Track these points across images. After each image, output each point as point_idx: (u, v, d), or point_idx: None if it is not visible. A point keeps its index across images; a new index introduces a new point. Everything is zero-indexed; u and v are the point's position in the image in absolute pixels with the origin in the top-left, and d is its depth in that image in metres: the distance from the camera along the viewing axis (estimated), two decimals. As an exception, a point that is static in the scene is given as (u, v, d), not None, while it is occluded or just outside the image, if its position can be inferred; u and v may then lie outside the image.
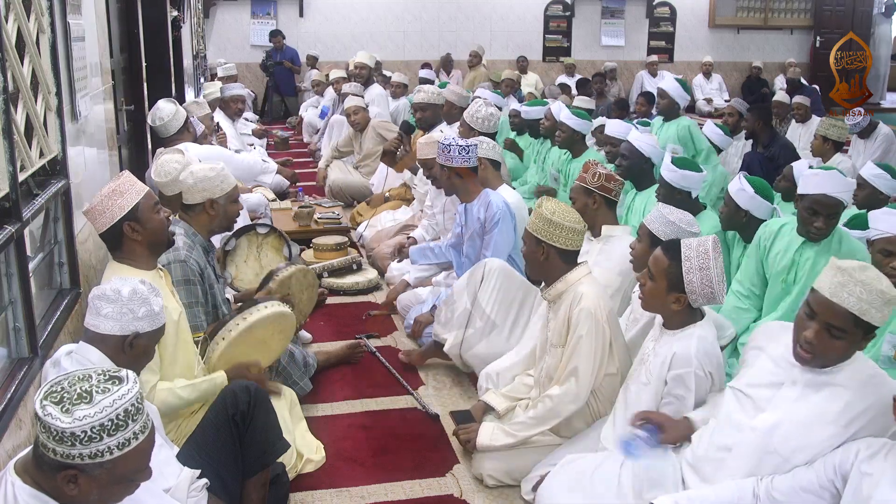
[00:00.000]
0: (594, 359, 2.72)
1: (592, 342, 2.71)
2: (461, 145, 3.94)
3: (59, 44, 2.75)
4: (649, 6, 13.89)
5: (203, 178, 3.01)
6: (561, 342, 2.81)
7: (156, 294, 2.15)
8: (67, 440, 1.51)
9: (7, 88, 2.16)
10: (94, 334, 2.09)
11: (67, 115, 2.88)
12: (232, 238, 3.77)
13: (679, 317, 2.52)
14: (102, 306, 2.08)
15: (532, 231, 2.84)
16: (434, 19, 13.19)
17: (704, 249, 2.44)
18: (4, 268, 2.25)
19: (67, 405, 1.51)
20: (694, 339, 2.48)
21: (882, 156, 7.00)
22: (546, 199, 2.88)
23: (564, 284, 2.82)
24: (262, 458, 2.43)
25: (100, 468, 1.54)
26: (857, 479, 1.94)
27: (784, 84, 11.77)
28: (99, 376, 1.57)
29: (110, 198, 2.47)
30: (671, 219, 2.94)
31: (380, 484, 2.91)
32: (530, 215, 2.93)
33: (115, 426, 1.53)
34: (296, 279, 3.32)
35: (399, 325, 4.37)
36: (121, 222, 2.48)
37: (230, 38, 12.72)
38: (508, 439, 2.83)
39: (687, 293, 2.45)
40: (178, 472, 2.12)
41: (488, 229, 3.89)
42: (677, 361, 2.48)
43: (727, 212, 3.60)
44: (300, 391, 3.33)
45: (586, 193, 3.52)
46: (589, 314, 2.69)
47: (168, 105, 4.70)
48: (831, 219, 3.10)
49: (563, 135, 5.42)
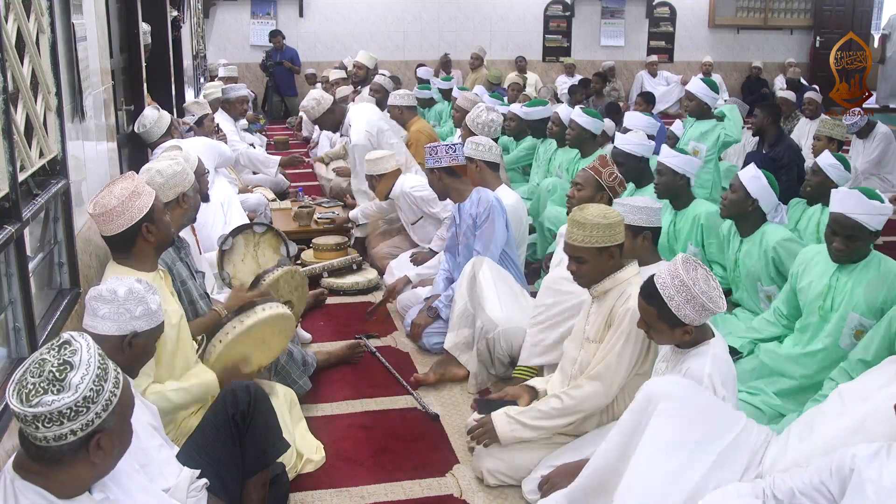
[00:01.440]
0: (629, 360, 2.71)
1: (631, 343, 2.70)
2: (446, 144, 4.03)
3: (59, 44, 2.75)
4: (649, 6, 13.88)
5: (173, 173, 2.98)
6: (598, 338, 2.79)
7: (153, 292, 2.15)
8: (73, 413, 1.54)
9: (7, 88, 2.16)
10: (92, 335, 2.08)
11: (68, 115, 2.88)
12: (229, 237, 3.78)
13: (691, 340, 2.50)
14: (99, 307, 2.08)
15: (593, 245, 2.72)
16: (434, 19, 13.19)
17: (678, 278, 2.39)
18: (4, 268, 2.25)
19: (52, 388, 1.54)
20: (709, 357, 2.45)
21: (881, 156, 7.02)
22: (578, 210, 2.79)
23: (612, 282, 2.79)
24: (261, 457, 2.43)
25: (113, 416, 1.61)
26: (860, 482, 1.93)
27: (784, 84, 11.78)
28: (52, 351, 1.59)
29: (130, 199, 2.46)
30: (639, 205, 3.05)
31: (380, 484, 2.91)
32: (574, 233, 2.77)
33: (104, 371, 1.60)
34: (284, 281, 3.31)
35: (399, 324, 4.37)
36: (139, 223, 2.47)
37: (230, 38, 12.72)
38: (529, 432, 2.79)
39: (688, 324, 2.43)
40: (177, 472, 2.12)
41: (479, 224, 3.91)
42: (689, 378, 2.43)
43: (734, 198, 3.58)
44: (299, 390, 3.33)
45: (598, 188, 3.56)
46: (634, 315, 2.67)
47: (151, 112, 4.76)
48: (851, 241, 2.96)
49: (573, 133, 5.43)
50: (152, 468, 2.02)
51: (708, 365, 2.42)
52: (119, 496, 1.76)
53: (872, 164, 7.02)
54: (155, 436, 2.11)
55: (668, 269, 2.44)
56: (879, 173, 7.12)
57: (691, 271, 2.40)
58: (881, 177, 7.13)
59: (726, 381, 2.46)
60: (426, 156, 4.14)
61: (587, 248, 2.73)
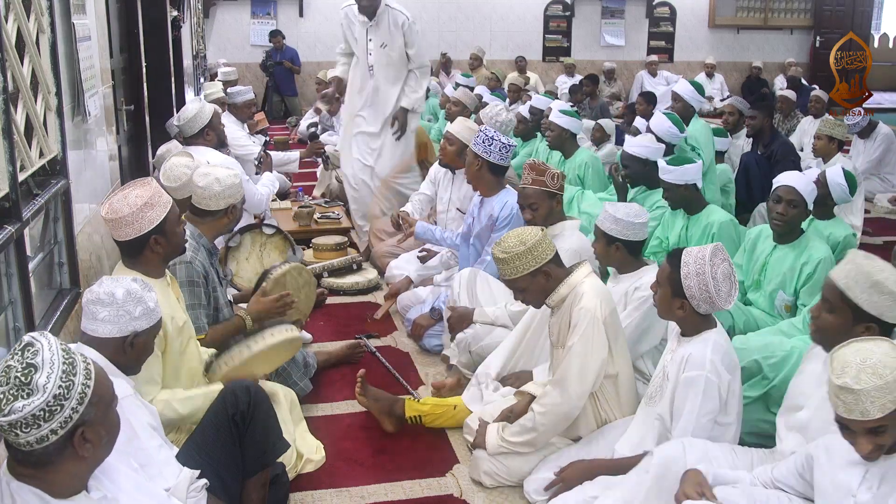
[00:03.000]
0: (591, 360, 2.68)
1: (590, 343, 2.68)
2: (503, 143, 3.92)
3: (59, 44, 2.75)
4: (649, 6, 13.89)
5: (230, 185, 3.05)
6: (561, 343, 2.79)
7: (149, 289, 2.14)
8: (47, 413, 1.54)
9: (7, 88, 2.16)
10: (91, 338, 2.08)
11: (68, 115, 2.88)
12: (236, 234, 3.77)
13: (691, 323, 2.53)
14: (98, 311, 2.06)
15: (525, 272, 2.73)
16: (434, 19, 13.19)
17: (702, 256, 2.46)
18: (4, 268, 2.25)
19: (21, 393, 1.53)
20: (710, 342, 2.47)
21: (882, 155, 7.02)
22: (499, 243, 2.78)
23: (567, 288, 2.77)
24: (262, 458, 2.43)
25: (91, 407, 1.60)
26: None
27: (784, 84, 11.78)
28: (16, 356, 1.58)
29: (142, 210, 2.43)
30: (618, 216, 3.03)
31: (380, 484, 2.91)
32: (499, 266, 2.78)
33: (72, 366, 1.59)
34: (291, 277, 3.30)
35: (399, 324, 4.37)
36: (148, 235, 2.46)
37: (230, 38, 12.72)
38: (517, 448, 2.81)
39: (687, 298, 2.46)
40: (177, 473, 2.12)
41: (498, 226, 3.88)
42: (691, 363, 2.46)
43: (795, 214, 3.43)
44: (300, 392, 3.33)
45: (549, 196, 3.51)
46: (587, 312, 2.68)
47: (192, 104, 4.55)
48: None
49: (552, 134, 5.41)
50: (152, 468, 2.02)
51: (710, 350, 2.45)
52: (117, 495, 1.76)
53: (873, 164, 7.03)
54: (154, 436, 2.11)
55: (700, 249, 2.50)
56: (880, 173, 7.12)
57: (717, 262, 2.45)
58: (881, 177, 7.13)
59: (730, 367, 2.48)
60: (478, 137, 3.97)
61: (519, 277, 2.74)
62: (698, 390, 2.43)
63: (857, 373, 1.80)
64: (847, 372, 1.81)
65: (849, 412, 1.81)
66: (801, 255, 3.41)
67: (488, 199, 4.00)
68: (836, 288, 2.23)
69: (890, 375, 1.77)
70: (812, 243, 3.44)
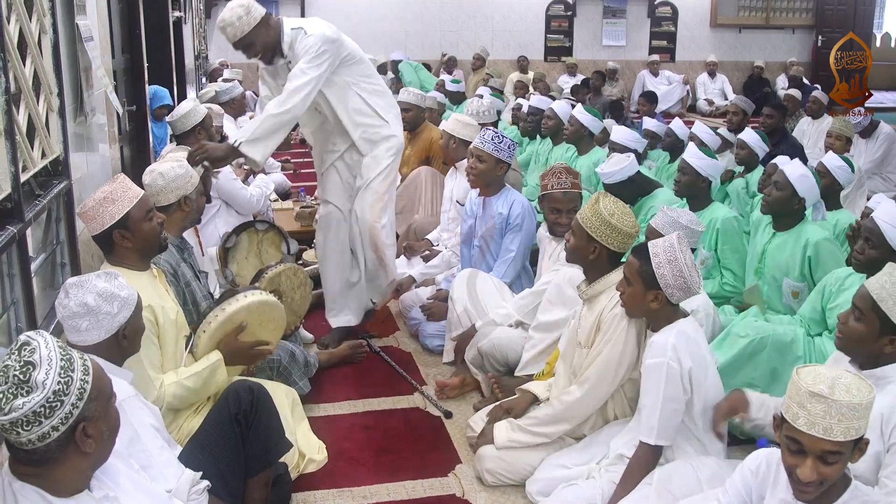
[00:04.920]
0: (617, 365, 2.69)
1: (619, 348, 2.69)
2: (509, 141, 3.94)
3: (61, 44, 2.75)
4: (651, 6, 13.87)
5: (175, 176, 2.94)
6: (588, 343, 2.79)
7: (114, 277, 2.10)
8: (48, 409, 1.54)
9: (9, 89, 2.16)
10: (83, 349, 2.01)
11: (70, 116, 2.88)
12: (232, 235, 3.78)
13: (664, 315, 2.55)
14: (78, 323, 2.03)
15: (586, 228, 2.79)
16: (436, 19, 13.19)
17: (670, 244, 2.50)
18: (7, 268, 2.26)
19: (20, 391, 1.54)
20: (674, 331, 2.50)
21: (884, 155, 7.01)
22: (603, 196, 2.82)
23: (604, 285, 2.79)
24: (264, 457, 2.43)
25: (91, 402, 1.61)
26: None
27: (786, 83, 11.77)
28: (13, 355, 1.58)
29: (101, 204, 2.41)
30: (681, 221, 3.10)
31: (382, 484, 2.91)
32: (584, 209, 2.84)
33: (69, 362, 1.59)
34: (285, 276, 3.30)
35: (402, 324, 4.37)
36: (110, 230, 2.42)
37: (231, 38, 12.70)
38: (525, 437, 2.82)
39: (662, 288, 2.48)
40: (179, 474, 2.12)
41: (512, 226, 3.87)
42: (652, 350, 2.49)
43: (780, 196, 3.49)
44: (299, 391, 3.32)
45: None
46: (622, 318, 2.68)
47: (185, 103, 4.54)
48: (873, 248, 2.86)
49: (571, 129, 5.44)
50: (154, 470, 2.02)
51: (672, 336, 2.47)
52: (119, 495, 1.76)
53: (875, 163, 7.01)
54: (157, 437, 2.11)
55: (664, 239, 2.54)
56: (881, 172, 7.11)
57: (683, 248, 2.50)
58: (883, 176, 7.12)
59: (694, 356, 2.48)
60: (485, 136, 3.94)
61: (581, 227, 2.80)
62: (660, 377, 2.44)
63: (832, 384, 1.73)
64: (822, 381, 1.74)
65: (810, 426, 1.72)
66: (800, 239, 3.46)
67: (490, 199, 4.00)
68: (868, 297, 2.22)
69: (864, 399, 1.72)
70: (808, 227, 3.49)
